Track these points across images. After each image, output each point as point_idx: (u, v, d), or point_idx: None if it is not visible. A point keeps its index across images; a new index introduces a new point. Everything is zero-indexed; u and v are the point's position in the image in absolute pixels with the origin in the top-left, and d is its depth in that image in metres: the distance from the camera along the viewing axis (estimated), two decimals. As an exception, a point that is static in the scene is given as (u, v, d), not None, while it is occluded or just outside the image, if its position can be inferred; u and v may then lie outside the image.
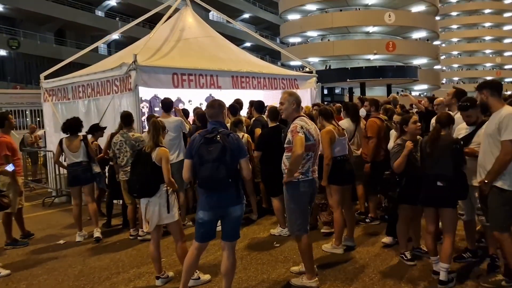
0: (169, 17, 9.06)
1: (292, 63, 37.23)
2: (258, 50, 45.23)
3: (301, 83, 10.05)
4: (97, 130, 6.56)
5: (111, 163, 5.95)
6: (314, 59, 39.14)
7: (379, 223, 5.76)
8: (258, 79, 9.06)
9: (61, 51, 30.34)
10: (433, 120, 4.79)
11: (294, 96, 3.79)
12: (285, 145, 3.70)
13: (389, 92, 32.96)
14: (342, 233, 4.78)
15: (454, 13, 70.43)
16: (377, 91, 38.17)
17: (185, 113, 7.18)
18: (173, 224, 3.85)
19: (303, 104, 10.35)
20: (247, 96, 9.21)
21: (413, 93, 46.26)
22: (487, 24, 70.86)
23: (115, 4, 37.20)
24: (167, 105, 6.26)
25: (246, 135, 6.06)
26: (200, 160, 3.11)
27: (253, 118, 6.80)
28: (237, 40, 41.11)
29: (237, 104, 6.96)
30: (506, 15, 71.17)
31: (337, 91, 39.49)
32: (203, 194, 3.26)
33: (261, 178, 6.15)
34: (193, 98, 10.85)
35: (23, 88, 24.59)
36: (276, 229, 5.54)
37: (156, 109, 10.44)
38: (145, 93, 9.82)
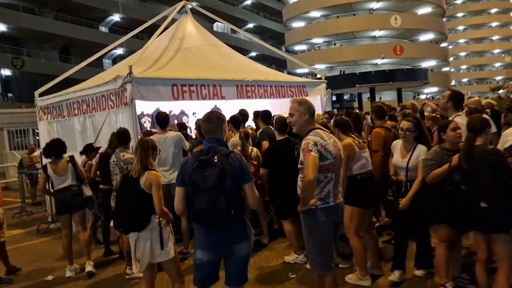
0: (166, 27, 8.55)
1: (299, 71, 36.69)
2: (264, 60, 44.82)
3: (310, 90, 9.44)
4: (91, 150, 6.01)
5: (101, 186, 5.35)
6: (320, 66, 38.57)
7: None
8: (265, 87, 8.47)
9: (66, 68, 29.88)
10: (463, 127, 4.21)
11: (305, 104, 3.14)
12: (298, 166, 3.08)
13: (399, 96, 32.20)
14: (365, 262, 4.11)
15: (460, 14, 69.69)
16: (387, 96, 37.39)
17: (183, 127, 6.59)
18: (168, 262, 3.23)
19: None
20: (253, 106, 8.65)
21: (423, 96, 45.45)
22: (494, 24, 69.96)
23: (118, 19, 37.12)
24: (162, 120, 5.70)
25: (255, 149, 5.46)
26: (194, 188, 2.51)
27: (260, 130, 6.18)
28: (242, 50, 40.72)
29: (242, 115, 6.35)
30: (514, 13, 70.30)
31: (345, 97, 38.79)
32: (200, 231, 2.64)
33: (269, 198, 5.52)
34: (197, 110, 10.36)
35: (28, 107, 24.36)
36: (290, 256, 4.88)
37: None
38: (147, 106, 9.36)
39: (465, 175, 3.21)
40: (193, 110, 10.30)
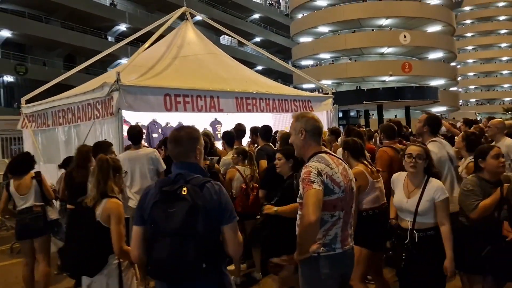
0: (163, 35, 8.03)
1: (305, 86, 36.20)
2: (270, 74, 44.40)
3: (316, 105, 8.81)
4: (104, 147, 5.34)
5: (68, 206, 4.63)
6: (327, 82, 38.08)
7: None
8: (267, 100, 7.86)
9: (70, 77, 29.79)
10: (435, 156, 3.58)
11: (302, 120, 2.43)
12: (298, 200, 2.40)
13: (407, 114, 31.50)
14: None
15: (469, 34, 69.34)
16: (394, 114, 36.76)
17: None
18: (130, 314, 2.56)
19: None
20: (255, 120, 8.05)
21: (431, 115, 44.68)
22: (504, 45, 69.47)
23: (125, 29, 36.95)
24: (136, 134, 5.08)
25: (254, 167, 4.83)
26: (153, 230, 1.87)
27: (258, 147, 5.52)
28: (248, 64, 40.34)
29: (238, 131, 5.69)
30: (523, 35, 69.85)
31: (352, 114, 38.14)
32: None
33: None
34: (196, 123, 9.74)
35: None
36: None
37: (155, 135, 9.33)
38: (142, 117, 8.78)
39: None
40: (192, 122, 9.69)
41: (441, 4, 40.85)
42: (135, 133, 5.04)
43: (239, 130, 5.65)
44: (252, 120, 8.01)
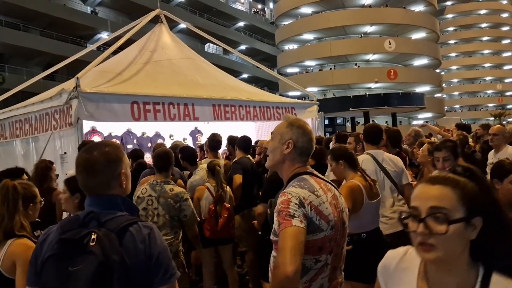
0: (132, 40, 7.46)
1: (291, 93, 35.88)
2: (256, 82, 44.04)
3: (300, 112, 8.28)
4: (14, 175, 4.69)
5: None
6: (313, 89, 37.82)
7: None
8: (247, 108, 7.30)
9: (49, 86, 28.91)
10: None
11: (297, 130, 1.85)
12: (271, 236, 1.77)
13: (394, 121, 31.29)
14: None
15: (452, 41, 70.10)
16: (380, 121, 36.57)
17: (139, 155, 5.33)
18: None
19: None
20: (237, 129, 7.49)
21: (416, 122, 44.76)
22: (486, 51, 70.42)
23: (106, 37, 36.24)
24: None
25: (227, 187, 4.21)
26: None
27: (234, 160, 4.89)
28: (234, 72, 39.96)
29: (212, 142, 5.06)
30: (505, 42, 70.85)
31: (338, 121, 37.90)
32: None
33: (249, 246, 4.25)
34: (175, 133, 9.20)
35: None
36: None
37: (130, 146, 8.69)
38: (116, 127, 8.17)
39: None
40: (170, 132, 9.12)
41: (425, 11, 41.09)
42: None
43: (213, 140, 5.04)
44: (234, 129, 7.46)
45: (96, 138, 7.74)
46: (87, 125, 7.00)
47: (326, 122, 32.70)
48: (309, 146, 1.87)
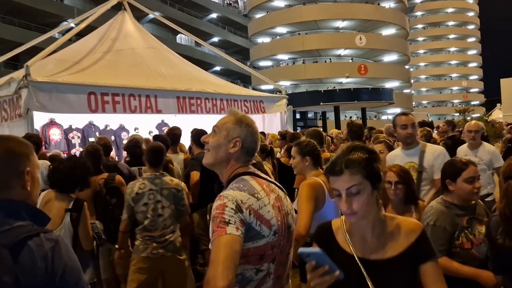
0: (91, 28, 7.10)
1: (264, 87, 35.79)
2: (229, 75, 43.69)
3: (269, 106, 8.14)
4: None
5: None
6: (285, 83, 37.86)
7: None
8: (213, 100, 7.09)
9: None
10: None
11: (246, 129, 1.69)
12: (209, 246, 1.54)
13: (364, 116, 31.70)
14: None
15: (420, 38, 71.68)
16: (351, 116, 37.05)
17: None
18: None
19: (271, 131, 8.51)
20: (203, 122, 7.25)
21: (385, 117, 45.60)
22: (452, 49, 72.43)
23: (73, 25, 35.01)
24: (34, 143, 4.09)
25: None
26: None
27: (192, 156, 4.66)
28: (206, 64, 39.50)
29: (171, 136, 4.82)
30: (470, 40, 73.11)
31: (310, 115, 38.12)
32: None
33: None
34: (140, 125, 8.83)
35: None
36: None
37: (92, 139, 8.31)
38: (77, 119, 7.77)
39: (507, 255, 1.86)
40: (135, 124, 8.76)
41: (396, 8, 41.75)
42: (35, 139, 4.08)
43: (172, 134, 4.80)
44: (203, 122, 7.22)
45: (55, 131, 7.35)
46: (45, 116, 6.63)
47: (298, 116, 32.85)
48: (255, 147, 1.73)
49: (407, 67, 48.04)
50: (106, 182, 3.52)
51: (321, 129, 8.54)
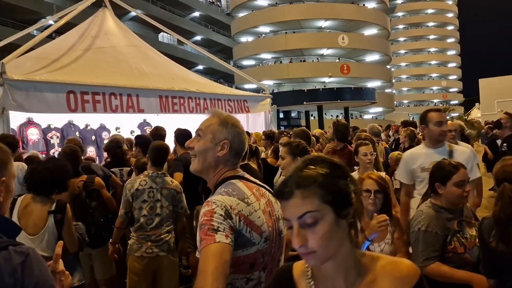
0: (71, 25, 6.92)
1: (247, 86, 35.74)
2: (212, 74, 43.41)
3: (253, 106, 8.09)
4: None
5: None
6: (268, 82, 37.88)
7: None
8: (197, 100, 7.00)
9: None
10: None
11: (232, 129, 1.62)
12: (196, 254, 1.47)
13: (346, 115, 31.93)
14: None
15: (401, 39, 72.68)
16: (337, 115, 37.27)
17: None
18: None
19: (255, 130, 8.45)
20: (186, 122, 7.14)
21: (367, 116, 46.07)
22: (432, 49, 73.66)
23: (52, 22, 34.28)
24: (10, 143, 3.97)
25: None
26: None
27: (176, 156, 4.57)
28: (189, 63, 39.13)
29: (155, 136, 4.72)
30: (449, 40, 74.48)
31: (293, 114, 38.21)
32: None
33: (194, 247, 3.98)
34: (121, 125, 8.64)
35: None
36: None
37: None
38: (56, 118, 7.56)
39: (501, 260, 1.83)
40: (117, 124, 8.58)
41: (377, 9, 42.19)
42: (11, 139, 3.94)
43: (156, 135, 4.71)
44: (187, 122, 7.11)
45: (33, 130, 7.13)
46: (22, 115, 6.43)
47: (281, 115, 32.89)
48: (244, 147, 1.65)
49: (388, 67, 48.63)
50: (85, 184, 3.41)
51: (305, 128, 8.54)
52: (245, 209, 1.47)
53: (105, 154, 6.41)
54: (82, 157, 4.87)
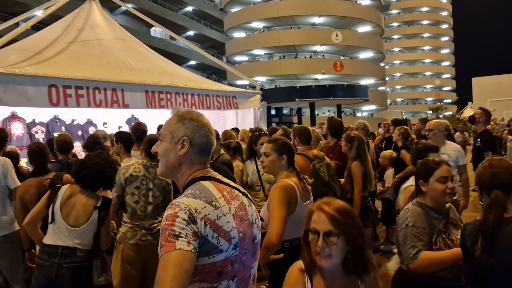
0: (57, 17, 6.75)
1: (239, 82, 35.58)
2: (204, 69, 43.19)
3: (242, 102, 7.96)
4: None
5: None
6: (261, 78, 37.75)
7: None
8: (184, 95, 6.86)
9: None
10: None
11: (190, 123, 1.50)
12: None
13: (339, 112, 31.93)
14: None
15: (396, 36, 72.82)
16: (326, 112, 37.26)
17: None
18: None
19: (244, 127, 8.32)
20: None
21: (360, 114, 46.15)
22: (426, 48, 73.89)
23: (40, 14, 33.79)
24: None
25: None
26: None
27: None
28: (181, 58, 38.89)
29: (137, 132, 4.58)
30: (443, 39, 74.74)
31: (285, 111, 38.13)
32: None
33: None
34: (109, 120, 8.50)
35: None
36: None
37: (57, 134, 7.95)
38: (41, 112, 7.39)
39: (482, 268, 1.74)
40: (104, 119, 8.42)
41: (372, 6, 42.16)
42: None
43: (139, 130, 4.58)
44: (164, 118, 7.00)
45: (17, 125, 6.98)
46: (6, 109, 6.29)
47: (273, 112, 32.79)
48: (208, 142, 1.52)
49: (382, 64, 48.70)
50: (52, 182, 3.29)
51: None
52: (212, 213, 1.37)
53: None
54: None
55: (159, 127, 4.82)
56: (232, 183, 1.56)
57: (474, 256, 1.70)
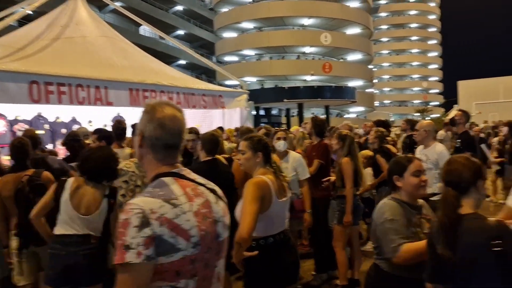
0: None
1: (228, 82, 35.55)
2: (193, 69, 43.00)
3: (228, 101, 7.98)
4: None
5: None
6: (251, 79, 37.75)
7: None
8: (169, 94, 6.85)
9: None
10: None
11: (147, 115, 1.45)
12: None
13: (327, 113, 32.08)
14: None
15: (384, 39, 73.41)
16: (315, 113, 37.38)
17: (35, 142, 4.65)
18: None
19: (231, 127, 8.32)
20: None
21: (348, 116, 46.41)
22: (414, 50, 74.64)
23: (31, 12, 33.30)
24: None
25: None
26: None
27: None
28: (170, 57, 38.67)
29: (118, 129, 4.55)
30: (431, 42, 75.59)
31: (274, 112, 38.18)
32: None
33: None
34: (94, 118, 8.41)
35: None
36: None
37: (41, 132, 7.85)
38: (23, 110, 7.30)
39: (446, 264, 1.77)
40: (89, 117, 8.33)
41: (361, 8, 42.44)
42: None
43: (119, 128, 4.54)
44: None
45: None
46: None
47: (262, 112, 32.83)
48: (162, 135, 1.43)
49: (370, 66, 49.03)
50: (30, 179, 3.25)
51: (285, 126, 8.45)
52: (170, 211, 1.34)
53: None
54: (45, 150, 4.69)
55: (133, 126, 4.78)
56: (199, 179, 1.53)
57: (437, 253, 1.73)
